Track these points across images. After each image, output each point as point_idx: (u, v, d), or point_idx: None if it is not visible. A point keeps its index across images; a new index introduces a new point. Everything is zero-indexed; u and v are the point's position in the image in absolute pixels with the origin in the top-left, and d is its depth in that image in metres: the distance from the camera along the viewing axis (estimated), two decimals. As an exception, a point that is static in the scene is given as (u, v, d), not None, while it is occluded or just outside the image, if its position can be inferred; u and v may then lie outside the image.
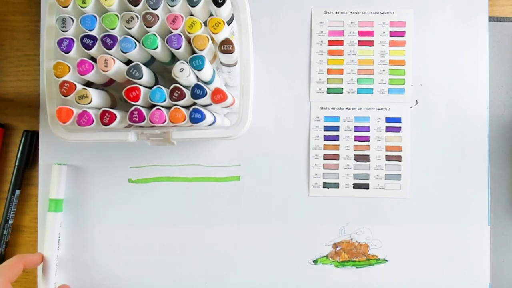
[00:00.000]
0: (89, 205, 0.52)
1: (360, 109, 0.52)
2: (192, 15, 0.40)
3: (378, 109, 0.52)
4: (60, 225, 0.51)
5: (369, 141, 0.52)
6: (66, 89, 0.40)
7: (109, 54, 0.40)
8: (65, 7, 0.40)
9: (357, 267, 0.52)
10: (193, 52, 0.40)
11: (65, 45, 0.40)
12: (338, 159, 0.53)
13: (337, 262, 0.52)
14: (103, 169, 0.53)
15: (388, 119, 0.52)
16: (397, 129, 0.52)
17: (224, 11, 0.40)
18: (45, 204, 0.52)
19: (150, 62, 0.43)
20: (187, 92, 0.40)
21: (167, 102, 0.40)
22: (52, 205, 0.51)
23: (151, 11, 0.40)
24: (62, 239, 0.52)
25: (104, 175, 0.53)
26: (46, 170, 0.52)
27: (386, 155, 0.52)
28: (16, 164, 0.52)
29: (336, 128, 0.53)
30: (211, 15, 0.41)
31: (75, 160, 0.52)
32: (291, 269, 0.52)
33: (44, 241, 0.50)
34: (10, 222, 0.52)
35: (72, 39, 0.40)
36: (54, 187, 0.51)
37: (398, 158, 0.52)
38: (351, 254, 0.52)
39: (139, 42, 0.40)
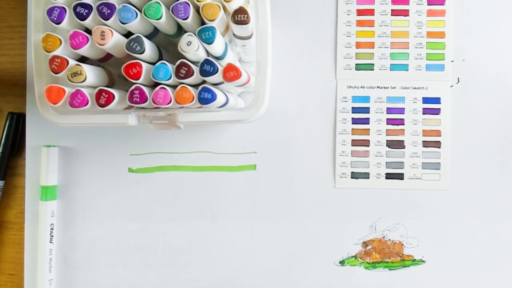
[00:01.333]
0: (83, 197, 0.53)
1: (393, 88, 0.52)
2: (200, -20, 0.39)
3: (414, 88, 0.52)
4: (52, 215, 0.52)
5: (403, 124, 0.52)
6: (57, 65, 0.40)
7: (106, 25, 0.40)
8: (56, -29, 0.39)
9: (390, 269, 0.52)
10: (203, 23, 0.40)
11: (55, 15, 0.40)
12: (368, 145, 0.53)
13: (367, 263, 0.52)
14: (99, 158, 0.53)
15: (425, 100, 0.52)
16: (436, 111, 0.52)
17: (237, -24, 0.39)
18: (34, 193, 0.52)
19: (153, 34, 0.43)
20: (196, 69, 0.40)
21: (173, 80, 0.40)
22: (44, 193, 0.52)
23: (154, -25, 0.38)
24: (55, 233, 0.53)
25: (100, 164, 0.53)
26: (34, 155, 0.52)
27: (423, 141, 0.52)
28: (0, 150, 0.52)
29: (366, 110, 0.53)
30: (222, -20, 0.39)
31: (67, 146, 0.53)
32: (314, 271, 0.52)
33: (38, 233, 0.51)
34: (-7, 217, 0.51)
35: (63, 7, 0.40)
36: (44, 172, 0.51)
37: (437, 144, 0.52)
38: (383, 254, 0.52)
39: (140, 11, 0.40)
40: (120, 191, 0.53)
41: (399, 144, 0.52)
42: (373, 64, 0.52)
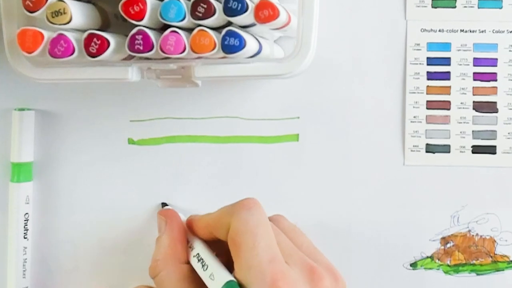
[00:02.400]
0: (67, 179, 0.53)
1: (482, 32, 0.51)
2: None
3: (511, 31, 0.50)
4: (27, 201, 0.52)
5: (496, 80, 0.51)
6: (33, 1, 0.40)
7: None
8: None
9: (477, 274, 0.52)
10: None
11: None
12: (449, 109, 0.52)
13: (448, 266, 0.52)
14: (88, 125, 0.53)
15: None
16: (540, 62, 0.50)
17: None
18: (2, 173, 0.53)
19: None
20: (218, 6, 0.40)
21: (188, 21, 0.40)
22: (16, 173, 0.52)
23: None
24: (30, 225, 0.52)
25: (90, 134, 0.53)
26: (3, 122, 0.53)
27: (523, 103, 0.50)
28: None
29: (446, 61, 0.52)
30: None
31: (46, 109, 0.53)
32: (376, 276, 0.52)
33: (8, 226, 0.51)
34: None
35: None
36: (16, 144, 0.52)
37: (541, 107, 0.50)
38: (469, 254, 0.52)
39: None
40: (117, 169, 0.53)
41: (490, 107, 0.52)
42: (455, 0, 0.50)
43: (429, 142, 0.52)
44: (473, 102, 0.52)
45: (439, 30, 0.52)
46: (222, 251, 0.41)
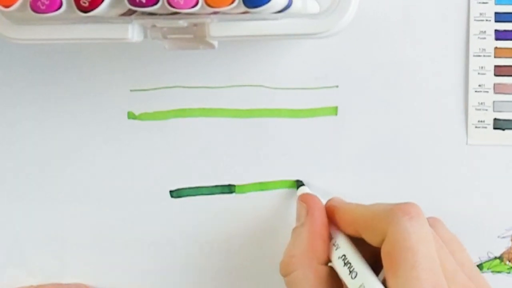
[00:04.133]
0: (53, 161, 0.52)
1: None
2: None
3: None
4: None
5: None
6: None
7: None
8: None
9: None
10: None
11: None
12: None
13: None
14: (80, 96, 0.51)
15: None
16: None
17: None
18: None
19: None
20: None
21: None
22: None
23: None
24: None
25: (82, 106, 0.51)
26: None
27: None
28: None
29: None
30: None
31: (25, 75, 0.51)
32: None
33: None
34: None
35: None
36: None
37: None
38: None
39: None
40: (113, 150, 0.52)
41: None
42: None
43: (497, 116, 0.50)
44: (552, 66, 0.50)
45: (511, -22, 0.49)
46: (365, 251, 0.40)
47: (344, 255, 0.40)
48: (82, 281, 0.53)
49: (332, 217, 0.43)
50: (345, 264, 0.39)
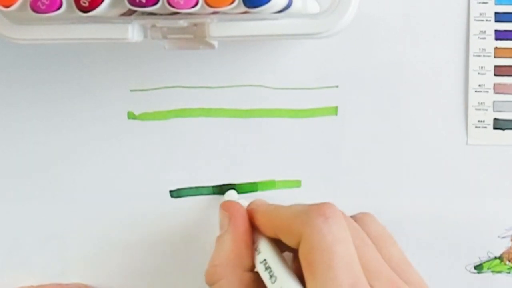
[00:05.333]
0: (53, 161, 0.51)
1: None
2: None
3: None
4: None
5: None
6: None
7: None
8: None
9: None
10: None
11: None
12: None
13: None
14: (79, 96, 0.51)
15: None
16: None
17: None
18: None
19: None
20: None
21: None
22: None
23: None
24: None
25: (81, 106, 0.51)
26: None
27: None
28: None
29: None
30: None
31: (25, 75, 0.51)
32: (435, 280, 0.49)
33: None
34: None
35: None
36: None
37: None
38: None
39: None
40: (113, 150, 0.51)
41: None
42: None
43: (497, 116, 0.50)
44: (553, 66, 0.49)
45: (511, -23, 0.49)
46: (290, 250, 0.40)
47: (265, 260, 0.40)
48: (82, 281, 0.53)
49: (253, 219, 0.43)
50: (266, 268, 0.39)
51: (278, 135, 0.51)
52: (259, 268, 0.40)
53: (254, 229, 0.43)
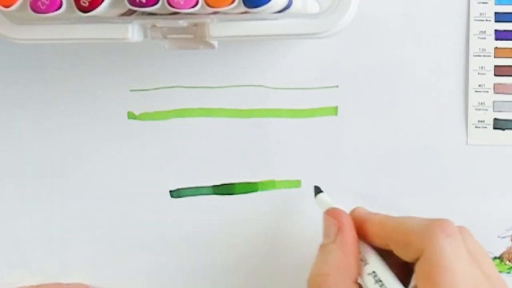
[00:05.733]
0: (54, 160, 0.52)
1: None
2: None
3: None
4: None
5: None
6: None
7: None
8: None
9: None
10: None
11: None
12: None
13: None
14: (80, 96, 0.51)
15: None
16: None
17: None
18: None
19: None
20: None
21: None
22: None
23: None
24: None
25: (82, 106, 0.51)
26: None
27: None
28: None
29: None
30: None
31: (22, 76, 0.51)
32: None
33: None
34: None
35: None
36: None
37: None
38: None
39: None
40: (113, 150, 0.51)
41: None
42: None
43: (497, 116, 0.50)
44: (553, 67, 0.50)
45: (510, -22, 0.49)
46: (393, 262, 0.40)
47: (374, 272, 0.39)
48: (82, 281, 0.52)
49: (360, 230, 0.43)
50: (376, 281, 0.39)
51: (278, 135, 0.51)
52: (367, 280, 0.39)
53: (359, 238, 0.43)
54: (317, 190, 0.48)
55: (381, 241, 0.41)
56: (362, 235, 0.42)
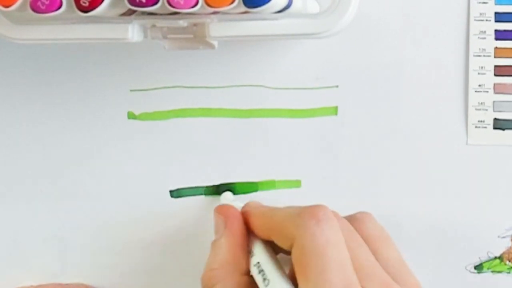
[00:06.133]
0: (52, 160, 0.51)
1: None
2: None
3: None
4: None
5: None
6: None
7: None
8: None
9: None
10: None
11: None
12: None
13: None
14: (79, 96, 0.51)
15: None
16: None
17: None
18: None
19: None
20: None
21: None
22: None
23: None
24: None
25: (81, 106, 0.51)
26: None
27: None
28: None
29: None
30: None
31: (22, 76, 0.51)
32: (435, 280, 0.50)
33: None
34: None
35: None
36: None
37: None
38: None
39: None
40: (113, 150, 0.51)
41: None
42: None
43: (497, 116, 0.49)
44: (553, 66, 0.49)
45: (511, -23, 0.49)
46: (285, 252, 0.39)
47: (258, 262, 0.39)
48: (82, 281, 0.52)
49: (247, 221, 0.43)
50: (259, 271, 0.39)
51: (278, 135, 0.51)
52: (253, 271, 0.40)
53: (249, 231, 0.43)
54: (223, 189, 0.50)
55: (263, 232, 0.41)
56: (249, 228, 0.42)
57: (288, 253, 0.38)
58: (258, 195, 0.52)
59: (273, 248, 0.41)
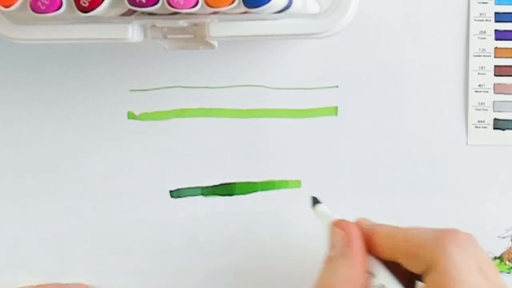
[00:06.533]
0: (52, 160, 0.51)
1: None
2: None
3: None
4: None
5: None
6: None
7: None
8: None
9: None
10: None
11: None
12: None
13: None
14: (80, 96, 0.51)
15: None
16: None
17: None
18: None
19: None
20: None
21: None
22: None
23: None
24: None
25: (82, 106, 0.51)
26: None
27: None
28: None
29: None
30: None
31: (22, 76, 0.51)
32: None
33: None
34: None
35: None
36: None
37: None
38: None
39: None
40: (113, 150, 0.51)
41: None
42: None
43: (497, 116, 0.49)
44: (555, 65, 0.49)
45: (510, -22, 0.49)
46: (399, 274, 0.39)
47: (383, 285, 0.39)
48: (82, 281, 0.52)
49: (367, 242, 0.42)
50: None
51: (278, 135, 0.51)
52: None
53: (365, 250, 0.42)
54: (315, 201, 0.48)
55: (389, 253, 0.40)
56: (369, 247, 0.41)
57: (408, 273, 0.38)
58: (258, 195, 0.52)
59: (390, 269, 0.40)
